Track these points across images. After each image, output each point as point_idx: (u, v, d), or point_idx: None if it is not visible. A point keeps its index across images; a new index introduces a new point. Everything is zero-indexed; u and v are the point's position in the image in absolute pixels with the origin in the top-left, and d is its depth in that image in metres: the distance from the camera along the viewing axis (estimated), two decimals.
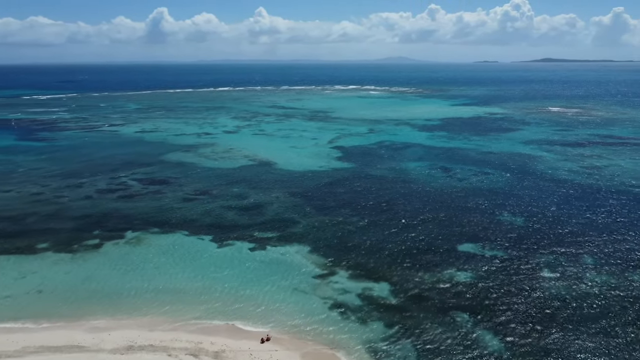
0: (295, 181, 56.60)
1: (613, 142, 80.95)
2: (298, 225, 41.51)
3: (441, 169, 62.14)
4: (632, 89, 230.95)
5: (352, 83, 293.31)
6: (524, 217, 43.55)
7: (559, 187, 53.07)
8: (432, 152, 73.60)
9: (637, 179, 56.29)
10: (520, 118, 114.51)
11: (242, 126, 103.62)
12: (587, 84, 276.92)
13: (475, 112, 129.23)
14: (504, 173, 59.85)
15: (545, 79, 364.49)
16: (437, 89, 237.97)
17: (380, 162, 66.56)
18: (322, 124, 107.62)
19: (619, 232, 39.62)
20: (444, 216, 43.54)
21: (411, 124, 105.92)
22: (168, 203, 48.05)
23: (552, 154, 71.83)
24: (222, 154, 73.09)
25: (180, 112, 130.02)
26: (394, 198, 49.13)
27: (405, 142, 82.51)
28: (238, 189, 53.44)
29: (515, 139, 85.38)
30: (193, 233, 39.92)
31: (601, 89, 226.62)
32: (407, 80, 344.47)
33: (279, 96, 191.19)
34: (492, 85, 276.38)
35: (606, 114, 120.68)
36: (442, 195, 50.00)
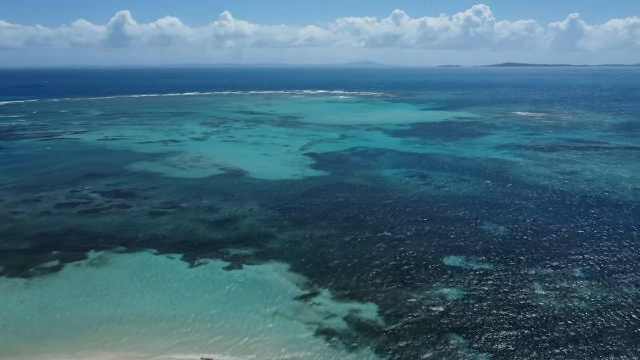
0: (269, 191, 54.29)
1: (582, 147, 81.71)
2: (275, 241, 39.26)
3: (418, 176, 60.93)
4: (593, 92, 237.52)
5: (320, 87, 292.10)
6: (507, 226, 42.52)
7: (537, 194, 52.51)
8: (407, 159, 72.48)
9: (611, 185, 56.33)
10: (490, 122, 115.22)
11: (210, 133, 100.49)
12: (549, 88, 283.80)
13: (445, 116, 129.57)
14: (480, 180, 59.07)
15: (508, 83, 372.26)
16: (405, 93, 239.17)
17: (355, 170, 64.92)
18: (292, 129, 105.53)
19: (603, 240, 38.94)
20: (426, 227, 42.08)
21: (383, 129, 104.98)
22: (134, 218, 44.99)
23: (525, 159, 71.75)
24: (190, 163, 70.04)
25: (145, 118, 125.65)
26: (373, 208, 47.43)
27: (378, 148, 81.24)
28: (209, 200, 50.77)
29: (487, 143, 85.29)
30: (162, 251, 37.15)
31: (564, 93, 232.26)
32: (375, 84, 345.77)
33: (247, 101, 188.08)
34: (459, 89, 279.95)
35: (572, 118, 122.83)
36: (422, 205, 48.61)
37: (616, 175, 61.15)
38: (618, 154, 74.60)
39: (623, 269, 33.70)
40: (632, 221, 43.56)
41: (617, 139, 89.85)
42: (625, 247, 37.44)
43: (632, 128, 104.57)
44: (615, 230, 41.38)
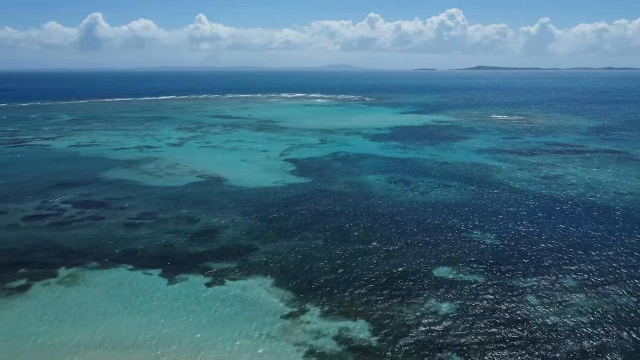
0: (250, 200, 52.51)
1: (561, 150, 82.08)
2: (258, 253, 37.56)
3: (401, 183, 59.92)
4: (566, 95, 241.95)
5: (297, 91, 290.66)
6: (496, 234, 41.70)
7: (522, 200, 51.98)
8: (388, 164, 71.49)
9: (594, 189, 56.24)
10: (468, 126, 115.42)
11: (187, 138, 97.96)
12: (523, 92, 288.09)
13: (423, 120, 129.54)
14: (465, 185, 58.37)
15: (483, 86, 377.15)
16: (383, 96, 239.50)
17: (337, 176, 63.58)
18: (271, 134, 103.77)
19: (592, 247, 38.37)
20: (414, 236, 40.95)
21: (362, 133, 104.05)
22: (108, 230, 42.71)
23: (506, 163, 71.52)
24: (167, 170, 67.67)
25: (119, 123, 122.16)
26: (358, 217, 46.13)
27: (359, 153, 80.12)
28: (187, 210, 48.73)
29: (467, 148, 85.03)
30: (139, 266, 35.09)
31: (537, 96, 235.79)
32: (352, 87, 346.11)
33: (224, 105, 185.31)
34: (435, 92, 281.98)
35: (548, 121, 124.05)
36: (409, 212, 47.52)
37: (597, 179, 61.21)
38: (597, 158, 75.01)
39: (616, 278, 33.06)
40: (619, 227, 43.21)
41: (594, 142, 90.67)
42: (615, 255, 36.90)
43: (607, 131, 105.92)
44: (604, 236, 40.92)
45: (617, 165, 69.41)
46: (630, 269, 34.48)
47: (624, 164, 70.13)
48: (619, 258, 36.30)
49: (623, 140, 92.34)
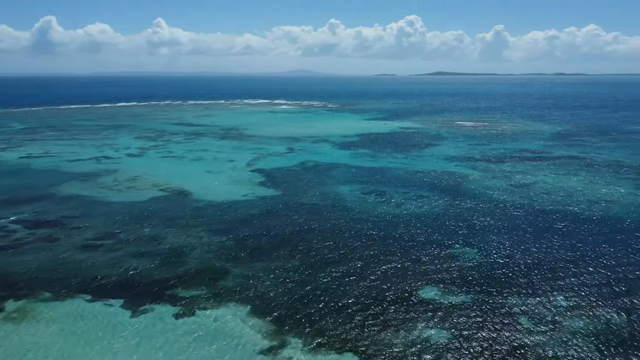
0: (218, 215, 49.49)
1: (529, 157, 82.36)
2: (230, 277, 34.74)
3: (376, 194, 58.09)
4: (525, 101, 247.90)
5: (261, 97, 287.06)
6: (476, 248, 40.25)
7: (498, 210, 50.95)
8: (360, 174, 69.66)
9: (568, 198, 55.92)
10: (435, 133, 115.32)
11: (147, 148, 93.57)
12: (483, 97, 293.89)
13: (390, 126, 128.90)
14: (439, 195, 57.05)
15: (444, 92, 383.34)
16: (346, 102, 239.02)
17: (309, 188, 61.22)
18: (236, 142, 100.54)
19: (577, 261, 37.34)
20: (395, 253, 38.99)
21: (330, 140, 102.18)
22: (63, 254, 38.94)
23: (478, 171, 70.88)
24: (127, 184, 63.67)
25: (74, 132, 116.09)
26: (335, 233, 43.88)
27: (329, 163, 78.05)
28: (150, 228, 45.32)
29: (437, 155, 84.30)
30: (99, 297, 31.69)
31: (498, 102, 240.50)
32: (316, 93, 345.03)
33: (186, 112, 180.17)
34: (399, 98, 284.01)
35: (512, 127, 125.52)
36: (386, 226, 45.59)
37: (569, 187, 61.10)
38: (564, 164, 75.43)
39: (607, 294, 31.96)
40: (601, 238, 42.53)
41: (559, 148, 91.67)
42: (602, 268, 35.94)
43: (569, 137, 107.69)
44: (585, 247, 40.06)
45: (585, 172, 69.80)
46: (621, 283, 33.49)
47: (591, 171, 70.61)
48: (607, 271, 35.32)
49: (586, 146, 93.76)
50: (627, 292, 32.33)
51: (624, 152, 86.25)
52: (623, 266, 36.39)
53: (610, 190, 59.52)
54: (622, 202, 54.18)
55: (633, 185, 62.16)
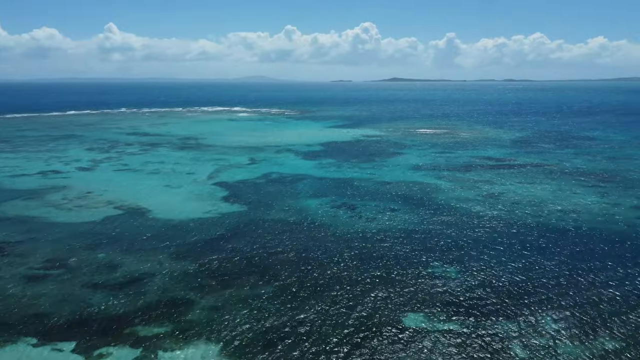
0: (179, 236, 45.94)
1: (494, 165, 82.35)
2: (197, 309, 31.52)
3: (345, 207, 55.88)
4: (482, 107, 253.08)
5: (218, 104, 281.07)
6: (456, 266, 38.54)
7: (472, 223, 49.65)
8: (327, 185, 67.34)
9: (538, 208, 55.35)
10: (398, 141, 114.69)
11: (100, 160, 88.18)
12: (440, 104, 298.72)
13: (352, 135, 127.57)
14: (411, 208, 55.40)
15: (402, 98, 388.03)
16: (306, 109, 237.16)
17: (275, 202, 58.36)
18: (195, 153, 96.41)
19: (560, 277, 36.15)
20: (372, 275, 36.73)
21: (293, 150, 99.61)
22: (3, 288, 34.60)
23: (446, 181, 69.91)
24: (78, 202, 58.95)
25: (18, 144, 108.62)
26: (308, 252, 41.26)
27: (294, 174, 75.39)
28: (105, 254, 41.36)
29: (403, 164, 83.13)
30: (45, 340, 27.83)
31: (456, 109, 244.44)
32: (274, 100, 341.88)
33: (140, 120, 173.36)
34: (358, 105, 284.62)
35: (473, 134, 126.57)
36: (359, 244, 43.35)
37: (537, 196, 60.78)
38: (528, 172, 75.59)
39: (597, 313, 30.69)
40: (577, 252, 41.69)
41: (521, 155, 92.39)
42: (586, 285, 34.84)
43: (529, 143, 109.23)
44: (565, 263, 39.04)
45: (550, 180, 70.01)
46: (610, 301, 32.36)
47: (555, 179, 70.92)
48: (593, 288, 34.21)
49: (547, 153, 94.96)
50: (617, 311, 31.21)
51: (583, 159, 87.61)
52: (609, 282, 35.42)
53: (577, 199, 59.53)
54: (591, 211, 54.03)
55: (597, 193, 62.51)
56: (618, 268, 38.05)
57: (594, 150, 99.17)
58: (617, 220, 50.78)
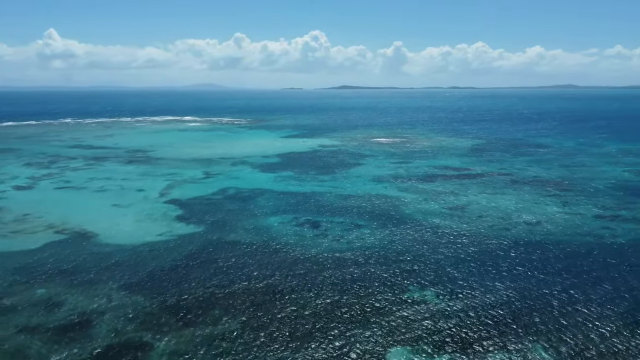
0: (131, 264, 41.68)
1: (454, 175, 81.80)
2: (155, 354, 27.69)
3: (309, 225, 53.03)
4: (433, 115, 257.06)
5: (168, 113, 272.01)
6: (433, 289, 36.42)
7: (442, 239, 47.93)
8: (288, 201, 64.28)
9: (505, 220, 54.46)
10: (356, 151, 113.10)
11: (39, 177, 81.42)
12: (392, 111, 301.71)
13: (309, 145, 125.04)
14: (378, 224, 53.19)
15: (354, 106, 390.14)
16: (259, 118, 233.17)
17: (235, 221, 54.77)
18: (145, 168, 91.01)
19: (542, 298, 34.66)
20: (346, 302, 34.00)
21: (249, 162, 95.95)
22: None
23: (409, 193, 68.38)
24: (13, 226, 53.23)
25: None
26: (274, 279, 38.07)
27: (252, 189, 71.87)
28: (45, 289, 36.66)
29: (364, 176, 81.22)
30: None
31: (408, 116, 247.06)
32: (226, 108, 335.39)
33: (84, 132, 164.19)
34: (311, 113, 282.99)
35: (429, 143, 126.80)
36: (330, 267, 40.58)
37: (502, 207, 60.10)
38: (489, 182, 75.33)
39: (584, 340, 29.16)
40: (552, 267, 40.57)
41: (479, 164, 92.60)
42: (570, 305, 33.44)
43: (484, 151, 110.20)
44: (545, 281, 37.72)
45: (511, 190, 69.83)
46: (598, 322, 30.98)
47: (516, 189, 70.85)
48: (578, 307, 32.82)
49: (503, 161, 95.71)
50: (606, 334, 29.84)
51: (539, 167, 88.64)
52: (592, 302, 34.21)
53: (540, 209, 59.21)
54: (557, 223, 53.59)
55: (559, 203, 62.56)
56: (603, 285, 37.07)
57: (548, 157, 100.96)
58: (585, 232, 50.44)
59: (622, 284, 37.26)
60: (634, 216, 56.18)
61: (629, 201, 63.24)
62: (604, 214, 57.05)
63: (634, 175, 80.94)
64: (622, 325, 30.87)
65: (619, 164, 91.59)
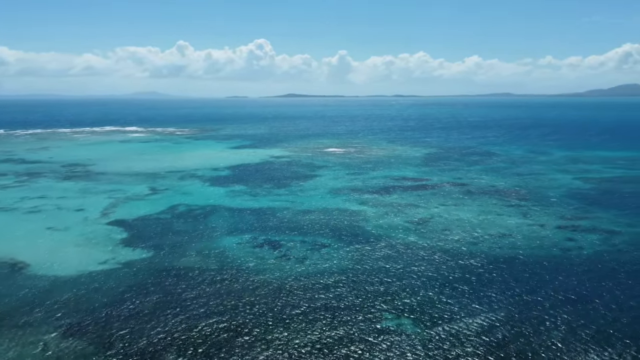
0: (69, 301, 36.62)
1: (411, 186, 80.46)
2: None
3: (269, 246, 49.44)
4: (381, 124, 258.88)
5: (109, 123, 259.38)
6: (409, 315, 33.80)
7: (411, 257, 45.61)
8: (243, 218, 60.36)
9: (469, 233, 53.01)
10: (309, 161, 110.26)
11: None
12: (342, 120, 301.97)
13: (260, 156, 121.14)
14: (341, 242, 50.30)
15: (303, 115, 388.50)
16: (207, 128, 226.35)
17: (187, 243, 50.34)
18: (84, 184, 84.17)
19: (527, 324, 32.75)
20: (318, 336, 30.72)
21: (199, 176, 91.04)
22: None
23: (369, 206, 66.08)
24: None
25: None
26: (236, 312, 34.25)
27: (203, 205, 67.38)
28: None
29: (320, 188, 78.42)
30: None
31: (357, 125, 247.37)
32: (171, 118, 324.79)
33: (15, 144, 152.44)
34: (258, 122, 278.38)
35: (382, 152, 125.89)
36: (296, 295, 37.20)
37: (465, 220, 58.82)
38: (448, 193, 74.39)
39: None
40: (526, 284, 39.01)
41: (434, 174, 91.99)
42: (556, 328, 31.67)
43: (438, 160, 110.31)
44: (524, 299, 35.98)
45: (471, 201, 69.07)
46: (585, 342, 29.26)
47: (475, 199, 70.20)
48: (563, 327, 31.06)
49: (458, 170, 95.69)
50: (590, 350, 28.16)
51: (493, 176, 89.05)
52: (577, 320, 32.61)
53: (503, 221, 58.40)
54: (522, 235, 52.73)
55: (519, 213, 62.14)
56: (583, 303, 35.70)
57: (499, 166, 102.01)
58: (550, 245, 49.63)
59: (598, 300, 36.11)
60: (594, 226, 56.25)
61: (586, 210, 63.68)
62: (564, 225, 56.82)
63: (582, 183, 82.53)
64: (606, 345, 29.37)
65: (567, 172, 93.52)
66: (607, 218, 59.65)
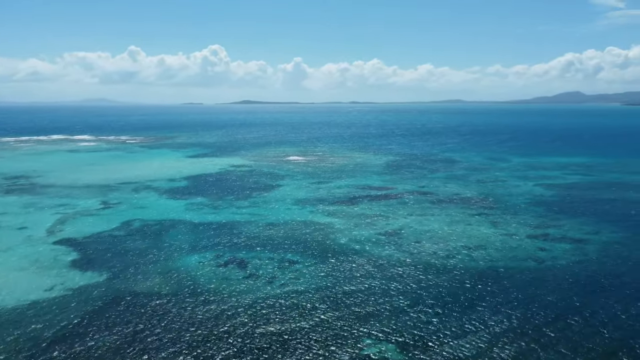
0: (10, 335, 32.24)
1: (377, 195, 78.74)
2: None
3: (235, 264, 46.12)
4: (339, 131, 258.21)
5: (56, 131, 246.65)
6: (392, 339, 31.49)
7: (387, 272, 43.41)
8: (205, 234, 56.70)
9: (441, 245, 51.47)
10: (270, 170, 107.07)
11: None
12: (300, 127, 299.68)
13: (219, 165, 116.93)
14: (311, 258, 47.58)
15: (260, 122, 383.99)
16: (161, 136, 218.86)
17: (144, 263, 46.32)
18: (28, 198, 77.94)
19: (513, 343, 31.00)
20: None
21: (155, 187, 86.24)
22: None
23: (337, 218, 63.72)
24: None
25: None
26: (204, 346, 30.89)
27: (161, 220, 63.17)
28: None
29: (285, 200, 75.50)
30: None
31: (316, 132, 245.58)
32: (123, 126, 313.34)
33: None
34: (214, 129, 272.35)
35: (345, 160, 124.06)
36: (269, 317, 34.18)
37: (436, 231, 57.40)
38: (415, 202, 73.09)
39: None
40: (507, 297, 37.50)
41: (400, 182, 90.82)
42: (551, 346, 30.06)
43: (401, 168, 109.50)
44: (510, 315, 34.32)
45: (439, 211, 67.93)
46: None
47: (443, 209, 69.16)
48: (549, 342, 29.44)
49: (422, 179, 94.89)
50: None
51: (457, 184, 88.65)
52: (561, 335, 31.12)
53: (474, 231, 57.34)
54: (495, 246, 51.68)
55: (489, 222, 61.39)
56: (570, 316, 34.35)
57: (462, 173, 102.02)
58: (524, 256, 48.68)
59: (578, 314, 34.95)
60: (563, 235, 55.93)
61: (553, 218, 63.58)
62: (535, 234, 56.26)
63: (544, 190, 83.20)
64: None
65: (528, 179, 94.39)
66: (574, 226, 59.57)
